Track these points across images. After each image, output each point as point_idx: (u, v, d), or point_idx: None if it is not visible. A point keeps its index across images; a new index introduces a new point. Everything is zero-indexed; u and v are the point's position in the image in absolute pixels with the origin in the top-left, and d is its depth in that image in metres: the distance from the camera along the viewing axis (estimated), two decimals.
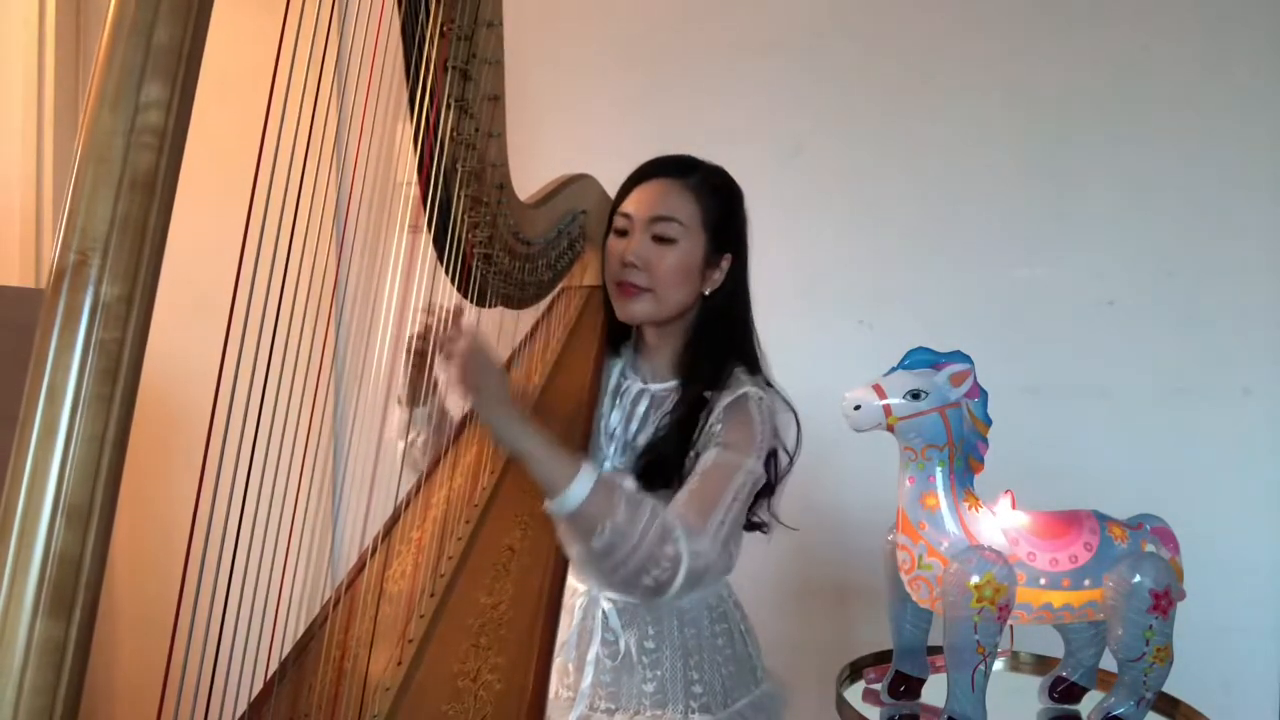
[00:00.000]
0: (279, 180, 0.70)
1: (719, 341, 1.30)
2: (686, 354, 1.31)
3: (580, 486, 1.03)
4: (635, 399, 1.33)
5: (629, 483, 1.12)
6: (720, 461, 1.17)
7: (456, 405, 1.32)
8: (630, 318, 1.30)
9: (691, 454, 1.21)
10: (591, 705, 1.27)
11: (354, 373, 1.26)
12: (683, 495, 1.15)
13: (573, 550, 1.07)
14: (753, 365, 1.30)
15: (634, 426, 1.31)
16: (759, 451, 1.20)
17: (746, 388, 1.23)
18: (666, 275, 1.26)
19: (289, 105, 0.70)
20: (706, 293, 1.30)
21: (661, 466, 1.21)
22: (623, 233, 1.29)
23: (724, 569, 1.28)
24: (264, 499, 0.78)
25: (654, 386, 1.33)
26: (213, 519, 0.69)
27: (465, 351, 1.04)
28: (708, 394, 1.24)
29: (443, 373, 1.06)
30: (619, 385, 1.36)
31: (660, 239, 1.26)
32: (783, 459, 1.28)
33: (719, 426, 1.20)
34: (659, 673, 1.25)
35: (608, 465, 1.29)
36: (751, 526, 1.29)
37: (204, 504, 0.67)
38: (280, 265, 0.72)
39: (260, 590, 0.82)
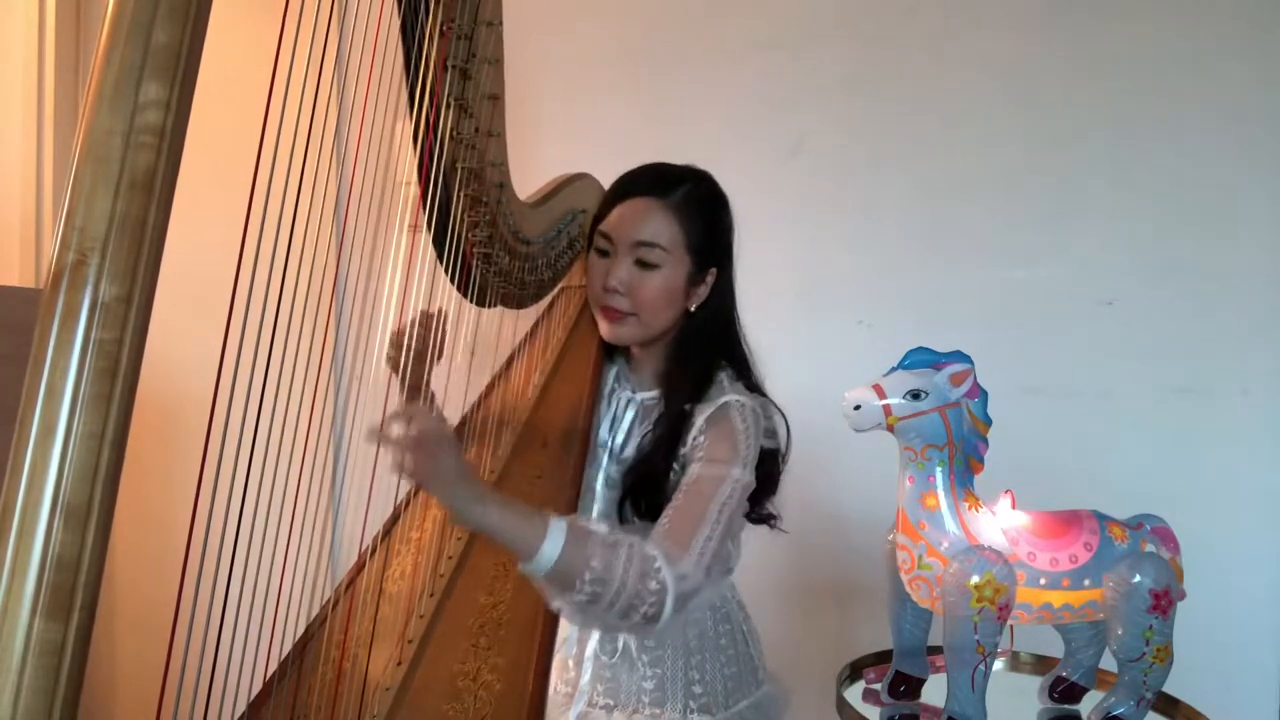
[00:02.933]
0: (279, 179, 0.70)
1: (702, 354, 1.27)
2: (670, 367, 1.29)
3: (551, 545, 0.97)
4: (624, 407, 1.32)
5: (600, 526, 1.06)
6: (704, 475, 1.14)
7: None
8: (616, 340, 1.28)
9: (676, 468, 1.19)
10: (590, 702, 1.27)
11: (353, 372, 1.26)
12: (667, 514, 1.12)
13: (555, 604, 1.03)
14: (740, 369, 1.28)
15: (620, 437, 1.29)
16: (744, 460, 1.16)
17: (727, 396, 1.20)
18: (651, 300, 1.23)
19: (288, 104, 0.70)
20: (692, 309, 1.27)
21: (647, 485, 1.19)
22: (604, 253, 1.25)
23: (724, 572, 1.27)
24: (263, 499, 0.78)
25: (640, 395, 1.32)
26: (212, 518, 0.69)
27: (417, 438, 0.91)
28: (689, 407, 1.21)
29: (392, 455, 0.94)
30: (612, 390, 1.35)
31: (643, 264, 1.22)
32: (775, 462, 1.26)
33: (702, 439, 1.17)
34: (659, 671, 1.25)
35: (601, 474, 1.28)
36: (761, 519, 1.27)
37: (203, 503, 0.66)
38: (280, 264, 0.71)
39: (260, 590, 0.82)
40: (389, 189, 1.11)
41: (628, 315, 1.24)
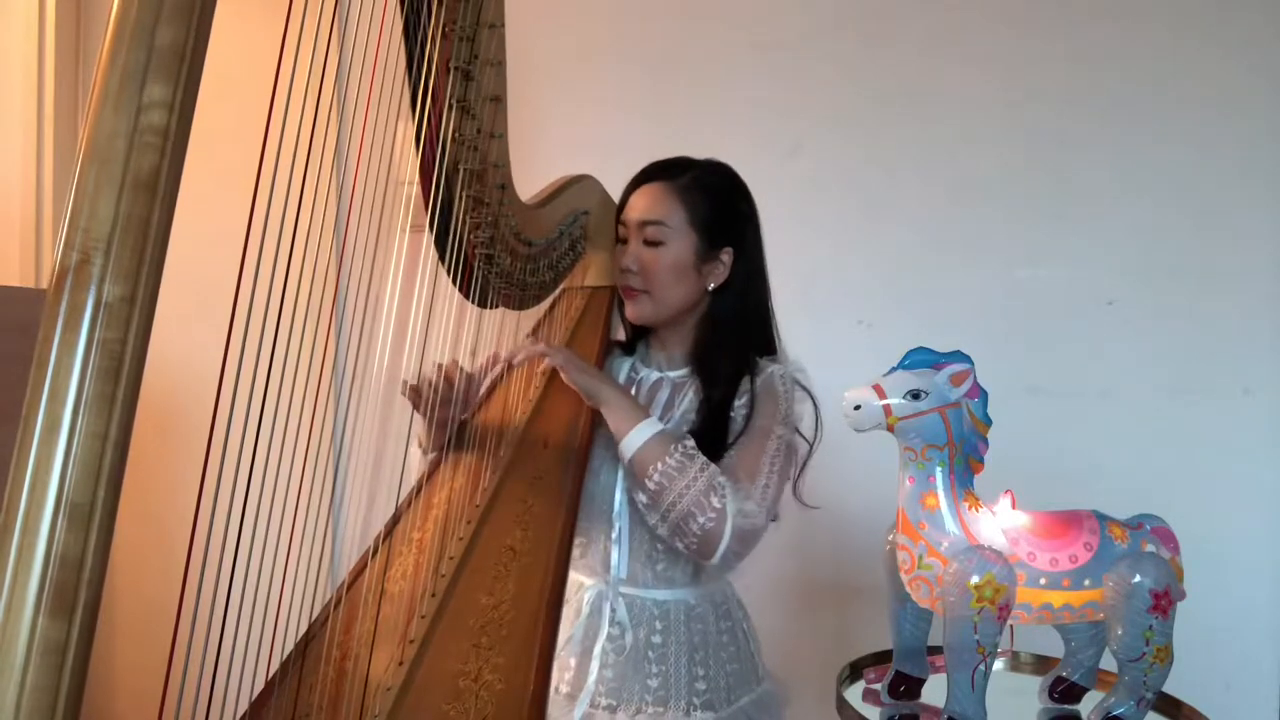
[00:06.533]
0: (281, 180, 0.70)
1: (731, 334, 1.32)
2: (699, 346, 1.35)
3: (639, 433, 1.19)
4: (654, 387, 1.36)
5: (689, 440, 1.20)
6: (752, 435, 1.25)
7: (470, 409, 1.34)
8: (637, 319, 1.35)
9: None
10: (593, 702, 1.27)
11: (355, 373, 1.26)
12: (725, 464, 1.22)
13: (635, 494, 1.20)
14: (770, 353, 1.35)
15: (656, 413, 1.33)
16: (785, 420, 1.27)
17: (771, 368, 1.31)
18: (659, 276, 1.31)
19: (291, 105, 0.70)
20: (711, 287, 1.31)
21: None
22: (624, 240, 1.34)
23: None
24: (265, 498, 0.78)
25: (671, 374, 1.38)
26: (214, 518, 0.69)
27: (562, 360, 1.24)
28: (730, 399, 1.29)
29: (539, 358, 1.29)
30: (630, 379, 1.39)
31: (650, 242, 1.31)
32: (801, 445, 1.30)
33: (748, 410, 1.28)
34: (664, 668, 1.26)
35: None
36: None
37: (205, 503, 0.67)
38: (282, 265, 0.72)
39: (262, 590, 0.82)
40: (391, 190, 1.11)
41: (641, 293, 1.32)
